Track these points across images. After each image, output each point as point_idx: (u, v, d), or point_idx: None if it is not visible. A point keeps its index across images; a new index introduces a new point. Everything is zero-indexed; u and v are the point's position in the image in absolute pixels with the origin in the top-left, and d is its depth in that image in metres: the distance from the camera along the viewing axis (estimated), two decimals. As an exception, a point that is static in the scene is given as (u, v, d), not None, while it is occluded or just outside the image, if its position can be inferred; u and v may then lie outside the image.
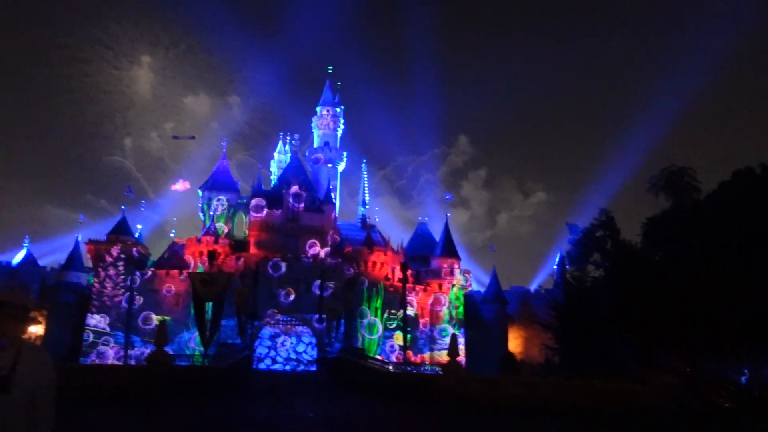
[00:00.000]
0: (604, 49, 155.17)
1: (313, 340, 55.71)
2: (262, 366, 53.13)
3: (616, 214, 44.63)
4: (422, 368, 45.80)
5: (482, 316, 65.93)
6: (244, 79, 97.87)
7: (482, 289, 70.74)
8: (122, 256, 56.95)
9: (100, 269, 56.66)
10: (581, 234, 45.63)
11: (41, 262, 68.72)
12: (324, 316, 54.25)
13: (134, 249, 57.68)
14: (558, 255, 70.61)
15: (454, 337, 25.42)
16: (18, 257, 67.77)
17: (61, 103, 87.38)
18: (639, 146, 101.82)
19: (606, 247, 43.71)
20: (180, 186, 64.74)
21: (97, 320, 55.24)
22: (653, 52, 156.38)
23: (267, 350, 55.22)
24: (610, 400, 19.16)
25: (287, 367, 54.23)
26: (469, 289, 65.76)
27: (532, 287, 74.87)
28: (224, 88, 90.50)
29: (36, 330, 57.99)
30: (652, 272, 36.35)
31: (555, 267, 73.43)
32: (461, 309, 61.50)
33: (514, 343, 67.75)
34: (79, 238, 62.24)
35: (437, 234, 66.52)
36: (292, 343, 55.85)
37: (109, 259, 56.62)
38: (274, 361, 54.86)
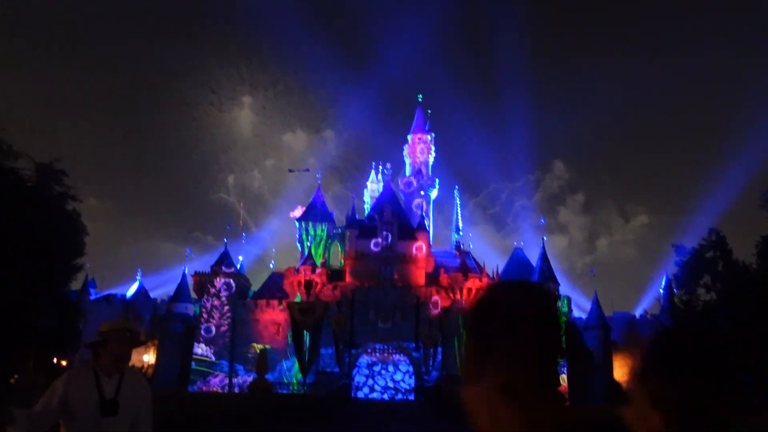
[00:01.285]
0: (706, 59, 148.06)
1: (411, 369, 55.44)
2: (360, 394, 53.36)
3: (728, 234, 42.08)
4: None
5: (585, 343, 63.34)
6: (338, 113, 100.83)
7: (584, 316, 68.09)
8: (225, 287, 59.29)
9: (205, 300, 59.22)
10: (689, 255, 43.29)
11: (152, 294, 72.58)
12: (421, 344, 53.98)
13: (235, 280, 59.94)
14: (664, 278, 67.05)
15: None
16: (131, 290, 71.87)
17: (171, 145, 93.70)
18: (750, 159, 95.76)
19: (717, 269, 41.21)
20: (298, 212, 67.02)
21: (203, 349, 57.54)
22: (760, 58, 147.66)
23: (365, 379, 55.46)
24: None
25: (385, 396, 54.16)
26: (570, 315, 63.51)
27: (637, 312, 71.27)
28: (319, 123, 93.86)
29: (148, 359, 61.07)
30: (770, 295, 33.86)
31: (661, 291, 69.59)
32: (563, 337, 59.38)
33: (620, 371, 64.44)
34: (186, 271, 65.34)
35: (534, 259, 64.95)
36: (389, 372, 55.83)
37: (212, 290, 59.08)
38: (372, 390, 54.96)
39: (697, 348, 1.45)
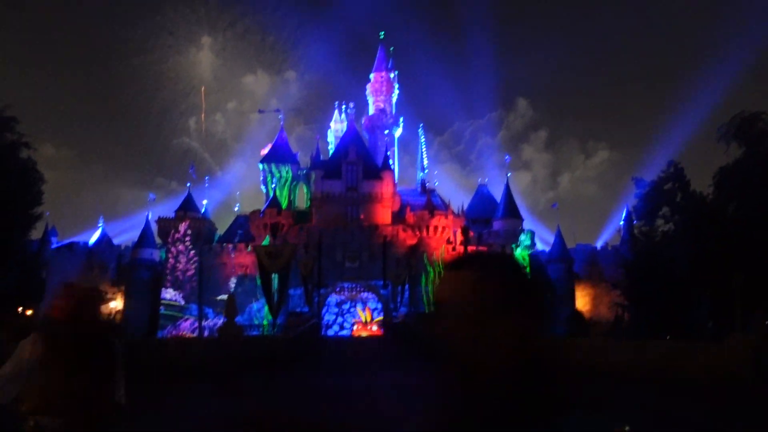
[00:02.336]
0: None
1: (379, 306, 56.36)
2: (330, 332, 54.22)
3: (686, 166, 42.83)
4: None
5: (548, 276, 64.96)
6: (299, 53, 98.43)
7: (547, 249, 69.58)
8: (189, 231, 58.77)
9: (170, 245, 58.72)
10: (649, 188, 44.04)
11: (116, 241, 71.71)
12: (389, 282, 54.73)
13: (200, 224, 59.45)
14: (625, 210, 68.61)
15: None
16: (94, 237, 70.83)
17: (130, 90, 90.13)
18: (708, 94, 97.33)
19: (676, 200, 42.09)
20: (266, 151, 65.92)
21: (172, 294, 57.42)
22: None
23: (334, 317, 56.28)
24: (684, 360, 18.59)
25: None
26: (534, 249, 64.80)
27: (599, 244, 73.11)
28: (280, 64, 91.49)
29: (115, 305, 60.78)
30: (726, 225, 34.85)
31: (622, 223, 71.38)
32: (527, 269, 60.71)
33: (582, 302, 66.59)
34: (150, 217, 64.52)
35: (498, 196, 65.63)
36: (358, 310, 56.70)
37: (177, 235, 58.54)
38: (342, 328, 55.89)
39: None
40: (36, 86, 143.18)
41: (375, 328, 55.76)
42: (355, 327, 55.95)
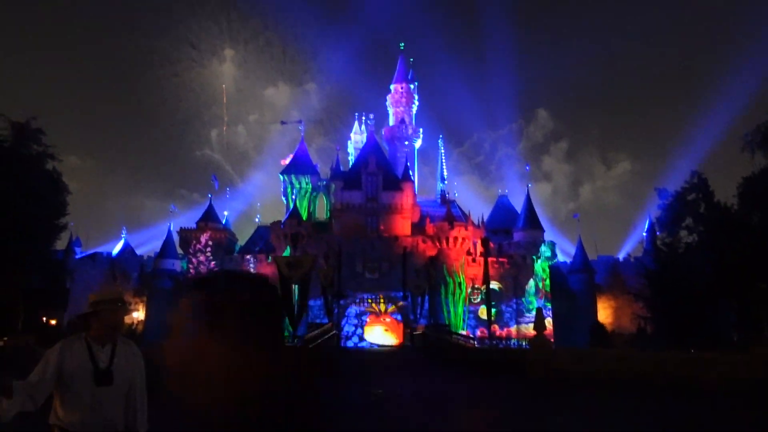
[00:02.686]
0: (689, 4, 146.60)
1: (399, 317, 56.23)
2: (349, 344, 54.17)
3: (709, 176, 42.39)
4: (509, 342, 45.47)
5: (569, 287, 64.43)
6: (319, 65, 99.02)
7: (568, 260, 69.04)
8: (210, 242, 59.25)
9: (191, 255, 59.23)
10: (672, 198, 43.64)
11: (138, 251, 72.49)
12: (408, 293, 54.60)
13: (221, 234, 59.93)
14: (647, 221, 67.90)
15: (539, 311, 24.96)
16: (117, 248, 71.68)
17: (153, 101, 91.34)
18: (732, 103, 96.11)
19: (699, 211, 41.65)
20: (288, 161, 66.53)
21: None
22: (745, 3, 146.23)
23: (354, 328, 56.24)
24: (709, 371, 18.31)
25: (374, 345, 55.05)
26: (555, 260, 64.34)
27: (621, 255, 72.32)
28: (301, 76, 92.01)
29: (137, 316, 61.39)
30: (751, 235, 34.37)
31: (644, 234, 70.63)
32: (548, 281, 60.35)
33: (604, 313, 65.90)
34: (171, 227, 65.16)
35: (519, 206, 65.33)
36: (378, 321, 56.61)
37: (198, 245, 59.05)
38: (362, 339, 55.81)
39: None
40: (61, 97, 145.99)
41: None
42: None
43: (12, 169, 35.25)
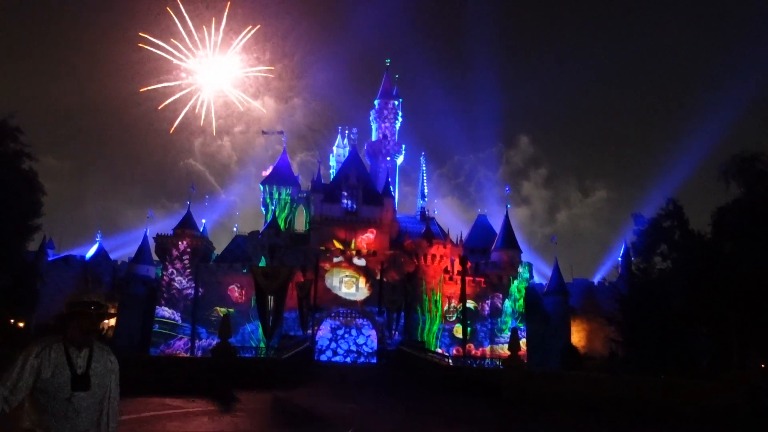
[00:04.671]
0: (666, 36, 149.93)
1: (374, 333, 56.05)
2: (323, 357, 53.83)
3: (685, 204, 43.01)
4: (483, 362, 45.47)
5: (544, 308, 64.89)
6: (306, 81, 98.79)
7: (544, 282, 69.55)
8: (188, 249, 58.63)
9: (167, 262, 58.53)
10: (647, 225, 44.19)
11: (112, 256, 71.50)
12: (384, 308, 54.48)
13: (197, 242, 59.36)
14: (623, 246, 68.66)
15: (515, 332, 25.06)
16: (91, 251, 70.66)
17: (139, 110, 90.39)
18: (708, 133, 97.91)
19: (674, 238, 42.20)
20: (268, 172, 66.41)
21: (170, 312, 57.03)
22: (719, 35, 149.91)
23: (328, 342, 55.91)
24: (680, 396, 18.48)
25: (348, 359, 54.76)
26: (531, 281, 64.75)
27: (596, 279, 73.10)
28: (287, 92, 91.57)
29: (108, 321, 60.40)
30: (724, 264, 34.89)
31: (620, 259, 71.37)
32: (522, 302, 60.64)
33: (577, 336, 66.44)
34: (148, 233, 64.43)
35: (497, 227, 65.74)
36: (353, 336, 56.37)
37: (174, 252, 58.40)
38: (335, 353, 55.49)
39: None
40: (42, 97, 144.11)
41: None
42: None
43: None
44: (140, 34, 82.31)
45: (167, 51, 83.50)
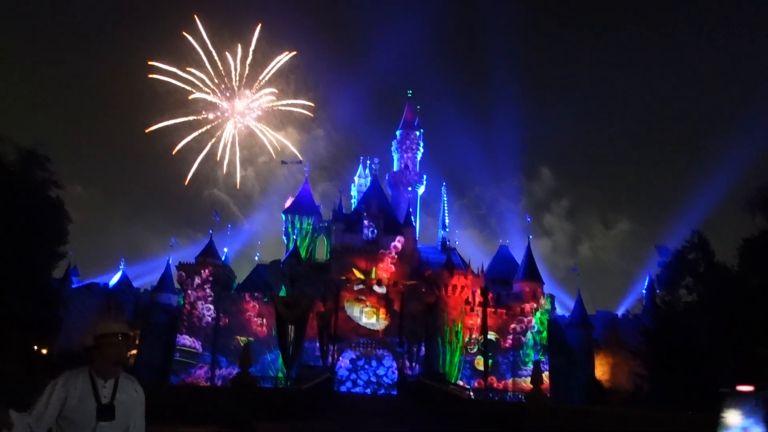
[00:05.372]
0: (689, 67, 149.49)
1: (394, 364, 55.53)
2: (343, 388, 53.38)
3: (710, 236, 42.44)
4: (505, 395, 44.80)
5: (567, 341, 63.88)
6: (328, 112, 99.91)
7: (566, 314, 68.62)
8: (210, 278, 58.93)
9: (188, 291, 58.83)
10: (672, 257, 43.60)
11: (135, 284, 72.13)
12: (405, 339, 54.05)
13: (219, 271, 59.67)
14: (647, 279, 67.70)
15: (537, 365, 24.66)
16: (114, 279, 71.36)
17: (164, 142, 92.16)
18: (732, 164, 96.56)
19: (699, 271, 41.55)
20: (290, 202, 67.06)
21: (191, 341, 57.16)
22: (744, 66, 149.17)
23: (348, 373, 55.48)
24: (709, 434, 17.95)
25: (368, 390, 54.23)
26: (553, 313, 63.92)
27: (620, 312, 71.93)
28: (310, 122, 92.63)
29: (132, 348, 60.70)
30: (751, 297, 34.20)
31: (644, 291, 70.38)
32: (545, 334, 59.82)
33: (601, 369, 65.19)
34: (170, 261, 64.94)
35: (519, 258, 65.24)
36: (373, 367, 55.89)
37: (196, 280, 58.71)
38: (355, 384, 55.00)
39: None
40: (71, 126, 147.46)
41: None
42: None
43: (16, 195, 35.36)
44: (159, 65, 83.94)
45: (193, 83, 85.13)
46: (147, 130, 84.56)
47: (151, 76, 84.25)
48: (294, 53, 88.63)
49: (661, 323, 43.80)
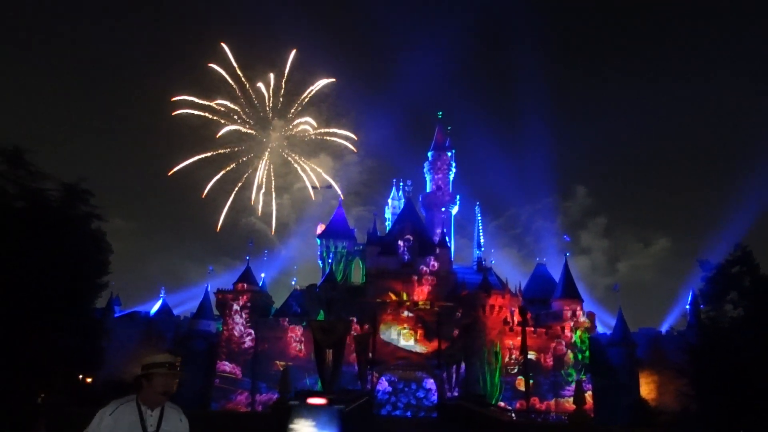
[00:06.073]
0: (725, 77, 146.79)
1: (434, 386, 55.05)
2: (383, 412, 53.07)
3: (754, 249, 41.27)
4: (548, 417, 43.96)
5: (609, 360, 62.45)
6: (360, 138, 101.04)
7: (607, 332, 67.19)
8: (248, 304, 59.50)
9: (227, 317, 59.45)
10: (715, 271, 42.48)
11: (175, 312, 73.10)
12: (443, 361, 53.61)
13: (257, 297, 60.21)
14: (690, 294, 65.95)
15: (579, 384, 24.19)
16: (155, 308, 72.48)
17: (201, 173, 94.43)
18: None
19: (744, 284, 40.38)
20: (320, 228, 67.97)
21: (230, 367, 57.64)
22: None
23: (387, 396, 55.17)
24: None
25: (408, 413, 53.79)
26: (594, 332, 62.68)
27: (663, 328, 70.08)
28: (342, 149, 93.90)
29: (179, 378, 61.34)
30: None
31: (687, 307, 68.49)
32: (587, 353, 58.67)
33: (646, 389, 63.47)
34: (209, 288, 65.78)
35: (557, 277, 64.35)
36: (412, 389, 55.48)
37: (234, 307, 59.32)
38: (395, 407, 54.66)
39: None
40: (109, 163, 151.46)
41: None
42: None
43: (60, 229, 36.29)
44: (187, 98, 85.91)
45: (224, 115, 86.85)
46: (169, 173, 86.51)
47: (176, 112, 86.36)
48: (332, 80, 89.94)
49: (706, 340, 42.56)
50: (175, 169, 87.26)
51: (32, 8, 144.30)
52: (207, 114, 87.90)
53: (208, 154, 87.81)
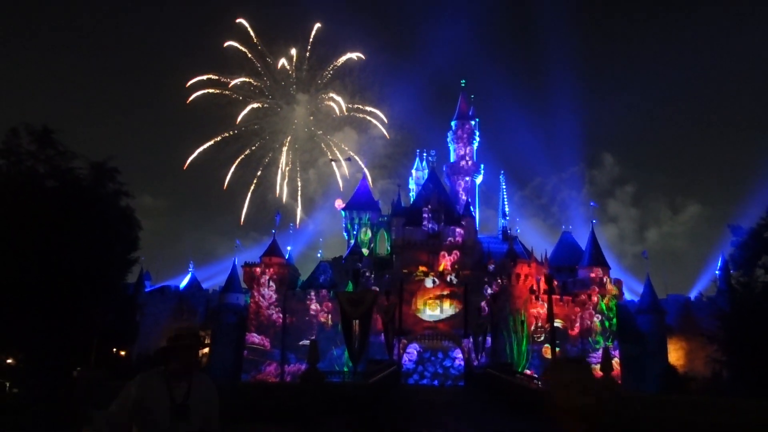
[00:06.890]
0: (755, 40, 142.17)
1: (461, 355, 55.37)
2: (410, 381, 53.60)
3: (787, 212, 40.44)
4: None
5: (638, 327, 62.04)
6: (384, 110, 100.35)
7: (636, 299, 66.61)
8: (275, 276, 60.17)
9: (254, 290, 60.25)
10: (747, 236, 41.80)
11: (204, 285, 74.21)
12: (470, 330, 53.80)
13: (284, 269, 60.82)
14: (720, 259, 64.96)
15: (606, 351, 24.09)
16: (184, 282, 73.64)
17: (230, 148, 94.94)
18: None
19: (777, 249, 39.73)
20: (339, 203, 68.33)
21: (259, 339, 58.64)
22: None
23: (414, 365, 55.67)
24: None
25: (435, 382, 54.27)
26: (622, 299, 62.21)
27: (692, 295, 69.25)
28: (366, 123, 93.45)
29: (202, 349, 62.64)
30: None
31: (717, 272, 67.50)
32: (615, 320, 58.38)
33: (675, 355, 63.06)
34: (236, 262, 66.55)
35: (583, 245, 63.80)
36: (439, 359, 55.89)
37: (262, 280, 60.05)
38: (422, 376, 55.14)
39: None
40: (140, 142, 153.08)
41: None
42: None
43: (90, 207, 36.94)
44: (203, 77, 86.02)
45: (249, 93, 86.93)
46: (184, 167, 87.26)
47: (194, 94, 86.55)
48: (360, 55, 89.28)
49: (737, 305, 42.06)
50: (198, 152, 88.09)
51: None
52: (228, 92, 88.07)
53: (232, 133, 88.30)
